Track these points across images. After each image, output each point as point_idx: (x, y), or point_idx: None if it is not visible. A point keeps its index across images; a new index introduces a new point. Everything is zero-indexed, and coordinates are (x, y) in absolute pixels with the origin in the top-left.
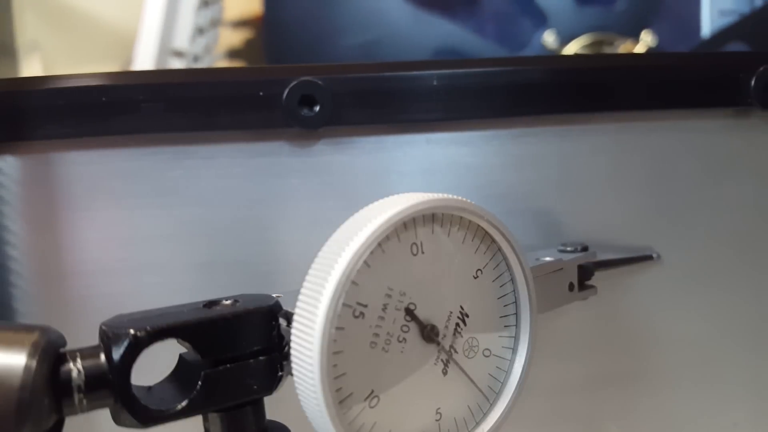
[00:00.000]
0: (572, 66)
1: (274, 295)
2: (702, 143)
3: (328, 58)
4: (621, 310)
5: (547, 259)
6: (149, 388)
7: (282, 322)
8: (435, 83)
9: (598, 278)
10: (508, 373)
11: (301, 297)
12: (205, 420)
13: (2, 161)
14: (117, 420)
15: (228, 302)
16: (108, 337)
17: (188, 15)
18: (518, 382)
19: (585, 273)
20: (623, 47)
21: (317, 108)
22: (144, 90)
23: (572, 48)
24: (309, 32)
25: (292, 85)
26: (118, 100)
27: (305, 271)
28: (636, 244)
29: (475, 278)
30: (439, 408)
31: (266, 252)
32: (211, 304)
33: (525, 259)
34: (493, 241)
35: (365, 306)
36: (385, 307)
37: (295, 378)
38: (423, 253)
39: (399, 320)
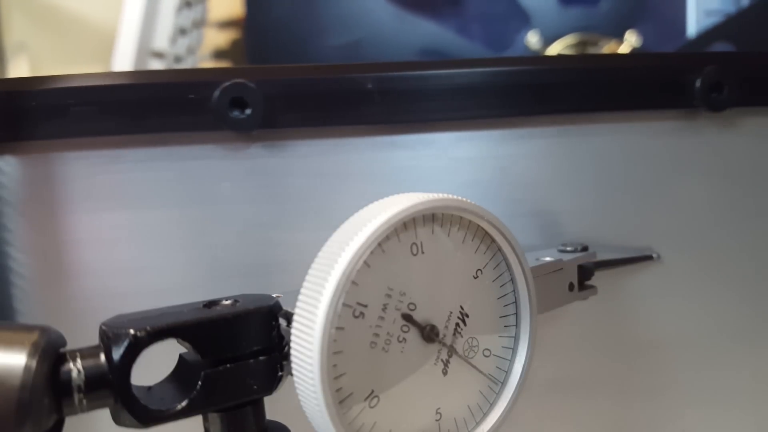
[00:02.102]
0: (556, 66)
1: (274, 295)
2: (651, 146)
3: (311, 59)
4: (621, 310)
5: (547, 259)
6: (149, 388)
7: (282, 322)
8: (369, 86)
9: (598, 278)
10: (508, 373)
11: (301, 297)
12: (205, 420)
13: (2, 161)
14: (117, 420)
15: (228, 302)
16: (108, 337)
17: (168, 16)
18: (518, 382)
19: (585, 273)
20: (607, 48)
21: (248, 111)
22: (75, 93)
23: (556, 48)
24: (292, 33)
25: (222, 87)
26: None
27: (303, 272)
28: (636, 244)
29: (475, 278)
30: (439, 408)
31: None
32: (211, 304)
33: (525, 259)
34: (493, 241)
35: (365, 306)
36: (385, 307)
37: (295, 378)
38: (423, 253)
39: (399, 320)
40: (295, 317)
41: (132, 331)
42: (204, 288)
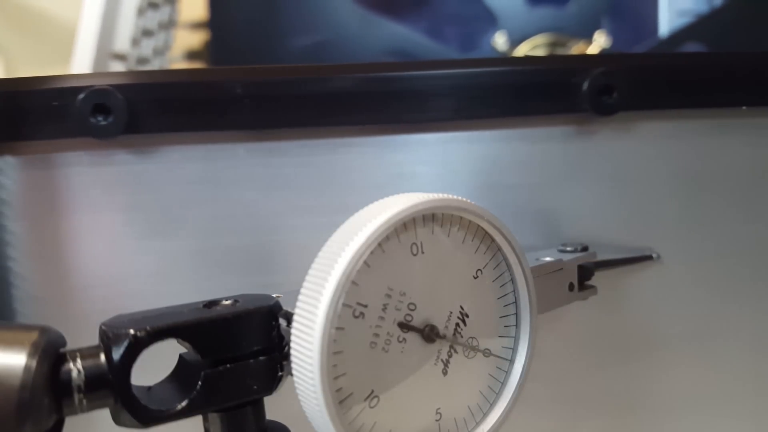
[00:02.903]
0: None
1: (274, 295)
2: (541, 152)
3: (276, 60)
4: (621, 310)
5: (547, 259)
6: (149, 388)
7: (282, 322)
8: (239, 91)
9: (598, 278)
10: (508, 373)
11: (301, 297)
12: (205, 420)
13: (2, 161)
14: (117, 420)
15: (228, 302)
16: (108, 337)
17: (129, 18)
18: (518, 382)
19: (585, 273)
20: (576, 48)
21: (111, 117)
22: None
23: (523, 49)
24: (257, 34)
25: (84, 94)
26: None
27: (302, 272)
28: (636, 244)
29: (475, 278)
30: (439, 408)
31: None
32: (211, 304)
33: (525, 259)
34: (493, 241)
35: (365, 306)
36: (385, 308)
37: (295, 378)
38: (423, 253)
39: (399, 320)
40: (295, 317)
41: (132, 331)
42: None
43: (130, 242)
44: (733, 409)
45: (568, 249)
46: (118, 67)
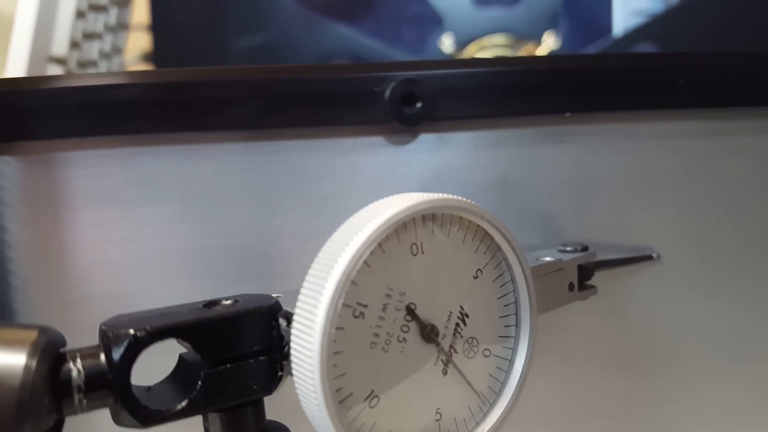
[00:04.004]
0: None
1: (274, 295)
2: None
3: (220, 62)
4: (621, 311)
5: (547, 259)
6: (149, 388)
7: (282, 322)
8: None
9: (598, 278)
10: (508, 373)
11: (301, 297)
12: (205, 420)
13: (2, 161)
14: (117, 420)
15: (228, 302)
16: (108, 337)
17: (66, 21)
18: (518, 382)
19: (585, 273)
20: (525, 50)
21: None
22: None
23: (470, 51)
24: (199, 36)
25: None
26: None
27: (302, 272)
28: (636, 244)
29: (475, 278)
30: (439, 408)
31: None
32: (211, 304)
33: (525, 259)
34: (493, 241)
35: (365, 306)
36: (385, 307)
37: (295, 378)
38: (423, 253)
39: (399, 320)
40: (295, 317)
41: (132, 331)
42: (204, 288)
43: (130, 242)
44: (733, 409)
45: (568, 249)
46: (56, 70)
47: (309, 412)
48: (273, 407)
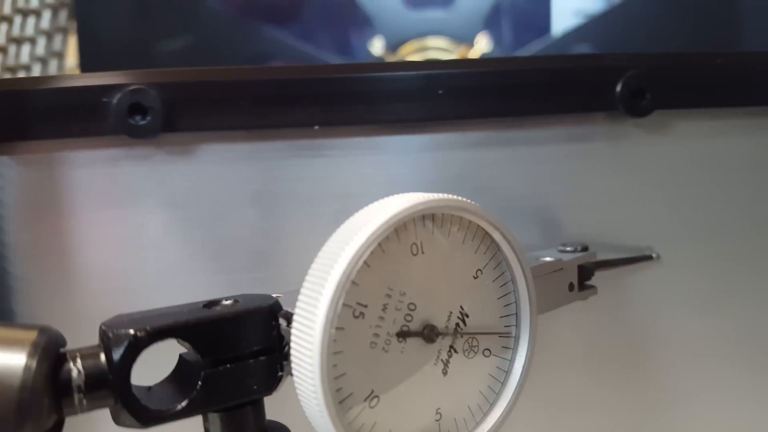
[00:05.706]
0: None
1: (274, 295)
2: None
3: (148, 64)
4: (621, 310)
5: (547, 259)
6: (149, 388)
7: (282, 322)
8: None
9: (598, 278)
10: (508, 373)
11: (301, 297)
12: (205, 420)
13: (2, 162)
14: (117, 420)
15: (228, 302)
16: (108, 337)
17: None
18: (518, 382)
19: (585, 273)
20: (458, 52)
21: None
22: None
23: (402, 54)
24: (126, 39)
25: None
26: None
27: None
28: (636, 244)
29: (475, 278)
30: (439, 408)
31: None
32: (211, 304)
33: (525, 259)
34: (493, 241)
35: (365, 306)
36: (385, 307)
37: (295, 378)
38: (423, 253)
39: (399, 320)
40: (295, 317)
41: (132, 331)
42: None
43: (130, 242)
44: (733, 408)
45: (568, 249)
46: None
47: (309, 412)
48: (273, 407)
